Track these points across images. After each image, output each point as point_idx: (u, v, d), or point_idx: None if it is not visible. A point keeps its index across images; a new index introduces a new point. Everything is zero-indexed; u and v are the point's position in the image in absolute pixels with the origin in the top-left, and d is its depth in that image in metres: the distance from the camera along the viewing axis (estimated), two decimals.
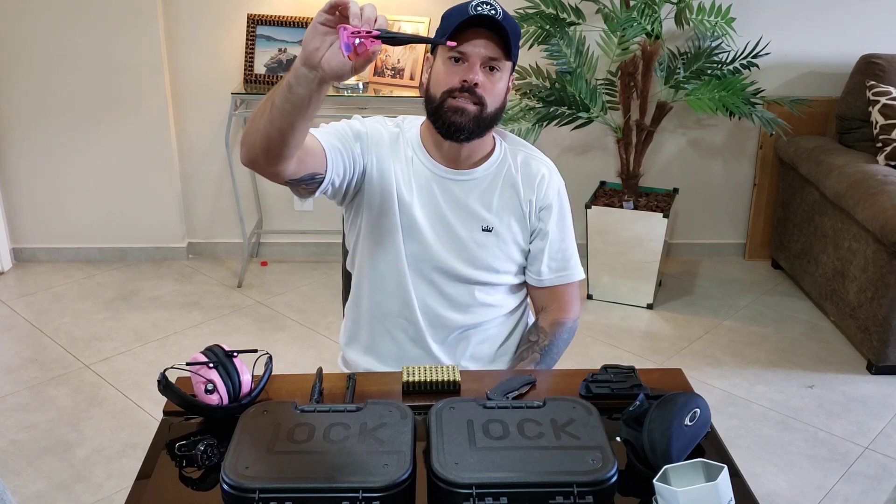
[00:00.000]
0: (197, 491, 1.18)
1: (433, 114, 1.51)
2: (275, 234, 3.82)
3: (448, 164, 1.58)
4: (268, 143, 1.28)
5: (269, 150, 1.29)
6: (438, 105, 1.49)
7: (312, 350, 3.03)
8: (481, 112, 1.48)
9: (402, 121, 1.64)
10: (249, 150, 1.32)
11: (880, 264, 2.79)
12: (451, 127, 1.49)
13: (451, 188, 1.58)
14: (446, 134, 1.51)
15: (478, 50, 1.45)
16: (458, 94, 1.47)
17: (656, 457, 1.15)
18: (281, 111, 1.23)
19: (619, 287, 3.39)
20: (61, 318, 3.22)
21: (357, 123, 1.57)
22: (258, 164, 1.34)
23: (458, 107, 1.47)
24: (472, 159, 1.59)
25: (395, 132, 1.60)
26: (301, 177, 1.42)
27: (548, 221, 1.64)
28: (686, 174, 3.72)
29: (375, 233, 1.59)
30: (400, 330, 1.64)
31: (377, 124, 1.60)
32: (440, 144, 1.57)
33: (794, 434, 2.56)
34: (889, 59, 3.33)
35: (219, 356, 1.32)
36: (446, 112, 1.48)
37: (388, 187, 1.56)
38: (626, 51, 3.08)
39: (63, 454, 2.41)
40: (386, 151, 1.57)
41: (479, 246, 1.59)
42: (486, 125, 1.51)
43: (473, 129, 1.49)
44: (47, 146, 3.55)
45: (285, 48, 3.38)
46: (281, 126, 1.25)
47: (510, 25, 1.45)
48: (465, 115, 1.47)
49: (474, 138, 1.53)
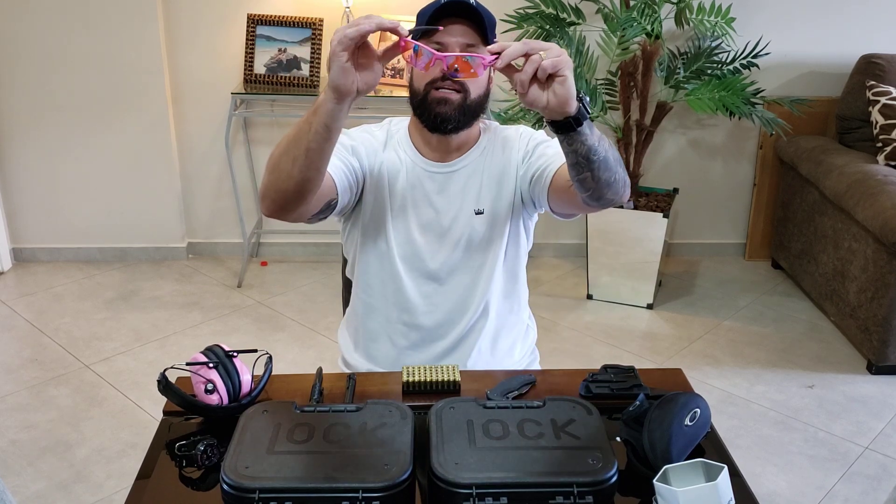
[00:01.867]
0: (197, 491, 1.18)
1: (418, 107, 1.51)
2: (275, 234, 3.82)
3: (437, 158, 1.58)
4: (304, 184, 1.30)
5: (303, 192, 1.31)
6: (423, 98, 1.49)
7: (312, 350, 3.03)
8: (465, 100, 1.48)
9: (390, 123, 1.64)
10: (278, 200, 1.33)
11: (880, 264, 2.79)
12: (437, 118, 1.48)
13: (442, 181, 1.58)
14: (433, 127, 1.51)
15: (455, 38, 1.45)
16: (440, 85, 1.47)
17: (656, 457, 1.15)
18: (319, 152, 1.26)
19: (619, 287, 3.39)
20: (61, 318, 3.22)
21: (345, 139, 1.57)
22: (287, 211, 1.35)
23: (442, 97, 1.47)
24: (461, 151, 1.59)
25: (382, 137, 1.60)
26: (320, 208, 1.44)
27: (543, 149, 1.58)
28: (686, 174, 3.72)
29: (371, 239, 1.59)
30: (400, 336, 1.64)
31: (364, 133, 1.60)
32: (429, 140, 1.57)
33: (794, 434, 2.56)
34: (889, 59, 3.33)
35: (219, 356, 1.32)
36: (431, 104, 1.48)
37: (382, 195, 1.57)
38: (626, 51, 3.08)
39: (63, 454, 2.41)
40: (377, 159, 1.57)
41: (472, 230, 1.59)
42: (472, 113, 1.51)
43: (459, 117, 1.49)
44: (47, 146, 3.55)
45: (285, 48, 3.38)
46: (320, 165, 1.28)
47: (484, 12, 1.45)
48: (449, 104, 1.47)
49: (461, 128, 1.52)
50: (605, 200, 1.36)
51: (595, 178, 1.31)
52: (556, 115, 1.22)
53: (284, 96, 3.38)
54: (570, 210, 1.54)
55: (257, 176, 3.70)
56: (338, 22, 3.36)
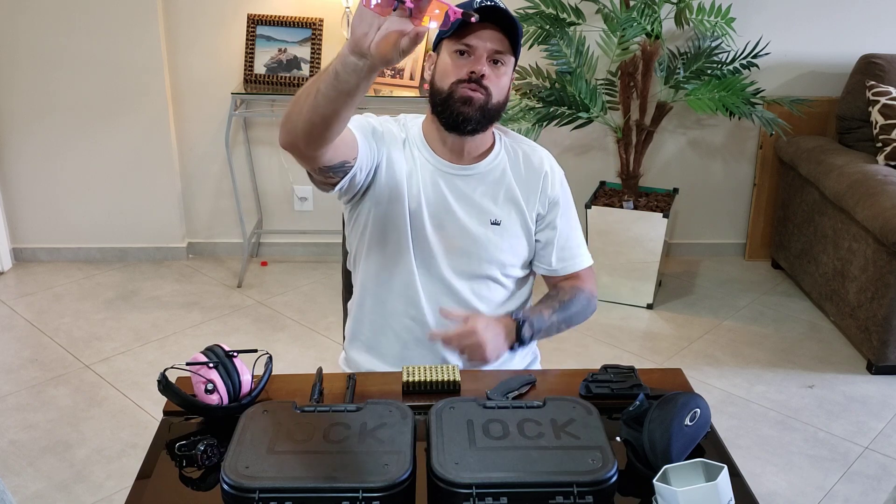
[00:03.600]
0: (197, 491, 1.18)
1: (440, 105, 1.52)
2: (275, 234, 3.82)
3: (452, 159, 1.59)
4: (311, 127, 1.27)
5: (312, 134, 1.28)
6: (447, 96, 1.50)
7: (312, 350, 3.03)
8: (487, 103, 1.50)
9: (405, 120, 1.64)
10: (289, 133, 1.31)
11: (880, 264, 2.79)
12: (458, 117, 1.50)
13: (456, 183, 1.59)
14: (452, 126, 1.52)
15: (484, 43, 1.47)
16: (465, 85, 1.48)
17: (656, 457, 1.15)
18: (326, 98, 1.21)
19: (619, 287, 3.39)
20: (61, 318, 3.22)
21: (373, 119, 1.58)
22: (297, 147, 1.33)
23: (467, 96, 1.48)
24: (475, 154, 1.60)
25: (401, 134, 1.61)
26: (334, 164, 1.42)
27: (556, 216, 1.65)
28: (686, 174, 3.72)
29: (383, 231, 1.59)
30: (405, 330, 1.64)
31: (388, 123, 1.61)
32: (444, 140, 1.57)
33: (794, 434, 2.56)
34: (889, 59, 3.33)
35: (219, 356, 1.32)
36: (455, 102, 1.49)
37: (397, 185, 1.56)
38: (626, 51, 3.08)
39: (63, 454, 2.41)
40: (396, 150, 1.58)
41: (487, 240, 1.60)
42: (491, 117, 1.53)
43: (480, 119, 1.51)
44: (47, 146, 3.55)
45: (285, 48, 3.38)
46: (325, 113, 1.23)
47: (518, 24, 1.48)
48: (472, 104, 1.49)
49: (479, 131, 1.54)
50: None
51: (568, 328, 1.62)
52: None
53: (284, 96, 3.37)
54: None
55: (257, 176, 3.70)
56: (338, 22, 3.36)
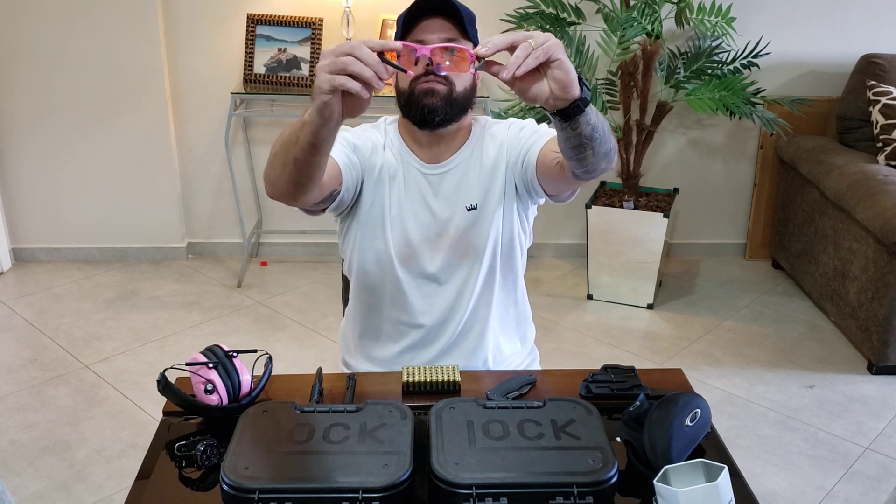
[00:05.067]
0: (197, 491, 1.18)
1: (406, 104, 1.51)
2: (275, 234, 3.82)
3: (431, 158, 1.58)
4: (295, 184, 1.29)
5: (297, 186, 1.30)
6: (409, 93, 1.49)
7: (312, 350, 3.02)
8: (451, 92, 1.48)
9: (384, 122, 1.64)
10: (274, 190, 1.33)
11: (880, 264, 2.79)
12: (424, 109, 1.48)
13: (436, 183, 1.59)
14: (421, 121, 1.50)
15: (433, 35, 1.45)
16: (424, 79, 1.47)
17: (656, 457, 1.15)
18: (307, 164, 1.23)
19: (620, 287, 3.39)
20: (61, 318, 3.22)
21: (349, 135, 1.58)
22: (285, 199, 1.35)
23: (428, 88, 1.47)
24: (453, 148, 1.59)
25: (380, 139, 1.61)
26: (323, 198, 1.44)
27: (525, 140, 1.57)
28: (686, 174, 3.72)
29: (369, 240, 1.59)
30: (399, 334, 1.64)
31: (365, 132, 1.61)
32: (420, 140, 1.57)
33: (794, 434, 2.56)
34: (889, 59, 3.32)
35: (218, 356, 1.32)
36: (417, 97, 1.47)
37: (380, 196, 1.57)
38: (626, 51, 3.08)
39: (63, 454, 2.41)
40: (376, 160, 1.58)
41: (466, 227, 1.58)
42: (459, 107, 1.51)
43: (447, 109, 1.48)
44: (47, 146, 3.55)
45: (285, 48, 3.38)
46: (305, 170, 1.25)
47: (462, 7, 1.45)
48: (435, 95, 1.47)
49: (449, 121, 1.51)
50: (599, 171, 1.33)
51: (595, 154, 1.26)
52: (561, 102, 1.15)
53: (284, 96, 3.38)
54: (561, 187, 1.51)
55: (257, 176, 3.70)
56: (338, 22, 3.36)
